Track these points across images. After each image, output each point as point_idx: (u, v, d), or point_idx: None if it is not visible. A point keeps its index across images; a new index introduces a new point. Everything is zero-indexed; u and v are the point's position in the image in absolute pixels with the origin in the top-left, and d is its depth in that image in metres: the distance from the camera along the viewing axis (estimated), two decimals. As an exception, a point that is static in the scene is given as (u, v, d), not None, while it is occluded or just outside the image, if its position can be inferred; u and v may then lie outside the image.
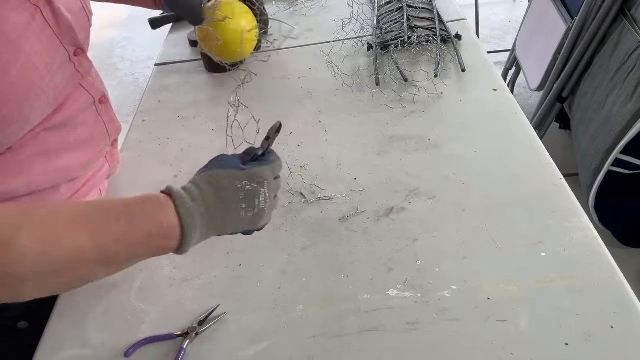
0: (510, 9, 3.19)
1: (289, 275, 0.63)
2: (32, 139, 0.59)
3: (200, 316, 0.60)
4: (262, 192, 0.50)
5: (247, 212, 0.49)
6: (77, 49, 0.60)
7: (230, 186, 0.48)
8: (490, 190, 0.70)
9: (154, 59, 1.17)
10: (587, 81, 1.60)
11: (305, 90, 0.96)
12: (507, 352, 0.52)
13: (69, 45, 0.58)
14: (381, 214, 0.69)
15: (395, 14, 1.14)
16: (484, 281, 0.59)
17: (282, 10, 1.27)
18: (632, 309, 0.54)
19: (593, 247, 0.61)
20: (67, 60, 0.59)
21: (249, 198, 0.49)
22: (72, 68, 0.61)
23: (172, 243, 0.46)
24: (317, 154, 0.81)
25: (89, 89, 0.66)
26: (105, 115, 0.71)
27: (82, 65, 0.63)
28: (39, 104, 0.54)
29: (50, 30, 0.54)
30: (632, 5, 1.42)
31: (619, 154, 1.34)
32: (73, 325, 0.62)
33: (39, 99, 0.53)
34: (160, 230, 0.44)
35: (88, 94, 0.66)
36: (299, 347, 0.56)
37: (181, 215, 0.45)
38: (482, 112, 0.84)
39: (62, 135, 0.63)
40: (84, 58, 0.64)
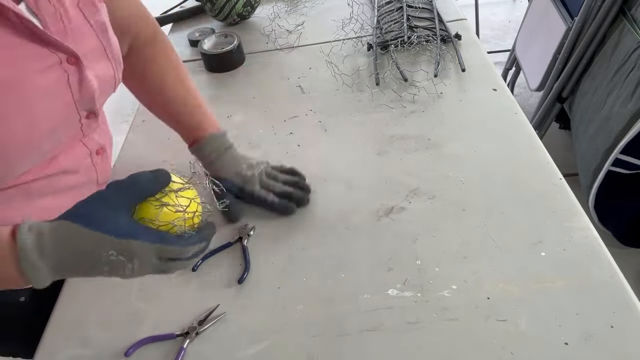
0: (510, 9, 3.19)
1: (289, 275, 0.63)
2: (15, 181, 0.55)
3: (200, 316, 0.60)
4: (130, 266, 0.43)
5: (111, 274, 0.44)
6: (89, 113, 0.58)
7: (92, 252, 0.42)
8: (490, 190, 0.70)
9: (154, 59, 1.17)
10: (587, 81, 1.60)
11: (305, 90, 0.96)
12: (507, 352, 0.52)
13: (83, 110, 0.56)
14: (381, 214, 0.69)
15: (395, 14, 1.14)
16: (484, 281, 0.59)
17: (282, 10, 1.27)
18: (632, 309, 0.54)
19: (593, 247, 0.61)
20: (76, 122, 0.57)
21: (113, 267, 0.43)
22: (77, 129, 0.58)
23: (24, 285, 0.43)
24: (317, 154, 0.81)
25: (87, 143, 0.63)
26: (99, 166, 0.67)
27: (89, 126, 0.61)
28: (29, 159, 0.52)
29: (69, 95, 0.52)
30: (632, 5, 1.42)
31: (618, 154, 1.34)
32: (73, 325, 0.62)
33: (28, 154, 0.51)
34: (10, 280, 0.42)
35: (85, 147, 0.63)
36: (299, 347, 0.56)
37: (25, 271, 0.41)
38: (482, 112, 0.84)
39: (49, 183, 0.60)
40: (94, 121, 0.61)
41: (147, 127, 0.93)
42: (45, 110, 0.50)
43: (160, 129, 0.93)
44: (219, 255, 0.67)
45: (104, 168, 0.70)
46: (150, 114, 0.78)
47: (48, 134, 0.52)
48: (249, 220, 0.71)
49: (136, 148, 0.89)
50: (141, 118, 0.96)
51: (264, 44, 1.13)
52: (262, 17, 1.25)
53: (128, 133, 0.93)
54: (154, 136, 0.91)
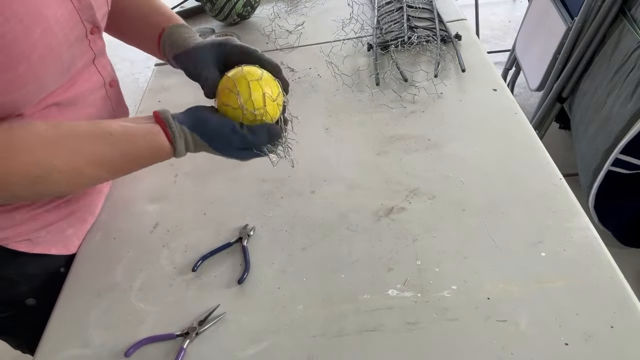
0: (510, 9, 3.19)
1: (289, 275, 0.63)
2: (42, 113, 0.59)
3: (200, 316, 0.60)
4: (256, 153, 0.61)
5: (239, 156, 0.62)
6: (94, 27, 0.61)
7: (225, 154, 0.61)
8: (490, 190, 0.70)
9: (154, 59, 1.17)
10: (587, 81, 1.60)
11: (305, 90, 0.96)
12: (507, 352, 0.52)
13: (87, 21, 0.59)
14: (381, 214, 0.69)
15: (395, 14, 1.14)
16: (484, 281, 0.59)
17: (282, 10, 1.27)
18: (632, 309, 0.54)
19: (593, 247, 0.61)
20: (83, 36, 0.60)
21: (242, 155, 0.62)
22: (86, 44, 0.61)
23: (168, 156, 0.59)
24: (317, 153, 0.81)
25: (101, 70, 0.67)
26: (114, 99, 0.72)
27: (96, 44, 0.64)
28: (54, 70, 0.55)
29: (70, 3, 0.55)
30: (632, 5, 1.42)
31: (618, 154, 1.34)
32: (73, 325, 0.62)
33: (54, 64, 0.54)
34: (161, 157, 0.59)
35: (99, 75, 0.67)
36: (299, 347, 0.56)
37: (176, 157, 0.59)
38: (482, 112, 0.84)
39: (71, 113, 0.63)
40: (99, 38, 0.64)
41: (147, 127, 0.93)
42: (55, 15, 0.52)
43: (160, 129, 0.93)
44: (219, 256, 0.67)
45: (118, 102, 0.74)
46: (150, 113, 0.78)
47: (64, 42, 0.55)
48: (249, 220, 0.71)
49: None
50: (141, 118, 0.96)
51: (264, 44, 1.13)
52: (262, 17, 1.25)
53: (128, 133, 0.93)
54: (154, 136, 0.91)
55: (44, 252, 0.68)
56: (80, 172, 0.54)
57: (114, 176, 0.60)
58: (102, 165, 0.55)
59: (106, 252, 0.71)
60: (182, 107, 0.59)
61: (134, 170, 0.59)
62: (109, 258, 0.69)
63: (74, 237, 0.72)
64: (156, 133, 0.57)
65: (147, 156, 0.58)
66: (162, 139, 0.57)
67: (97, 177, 0.57)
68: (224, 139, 0.59)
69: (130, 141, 0.56)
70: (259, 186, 0.77)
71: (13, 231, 0.65)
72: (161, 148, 0.57)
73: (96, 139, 0.55)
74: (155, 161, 0.59)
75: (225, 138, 0.59)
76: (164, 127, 0.57)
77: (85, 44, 0.61)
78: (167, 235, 0.71)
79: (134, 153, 0.56)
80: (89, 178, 0.56)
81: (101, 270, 0.68)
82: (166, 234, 0.72)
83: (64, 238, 0.70)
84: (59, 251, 0.70)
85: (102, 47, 0.66)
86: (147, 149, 0.57)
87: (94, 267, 0.69)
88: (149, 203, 0.77)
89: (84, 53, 0.62)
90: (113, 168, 0.57)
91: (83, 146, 0.54)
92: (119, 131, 0.56)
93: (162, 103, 1.00)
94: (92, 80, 0.66)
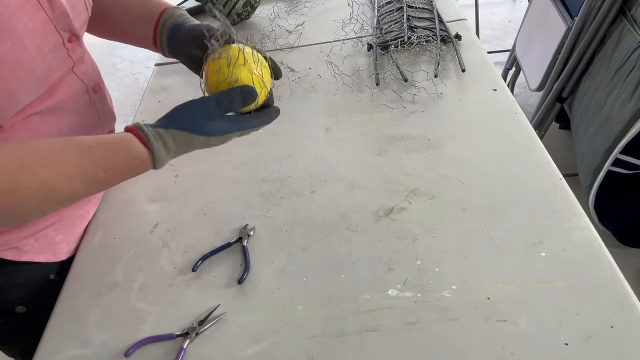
0: (510, 9, 3.19)
1: (289, 275, 0.63)
2: (23, 123, 0.58)
3: (200, 316, 0.60)
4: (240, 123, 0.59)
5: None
6: (71, 35, 0.60)
7: (200, 146, 0.58)
8: (490, 190, 0.70)
9: (154, 59, 1.17)
10: (587, 81, 1.60)
11: (305, 90, 0.96)
12: (507, 352, 0.52)
13: (63, 30, 0.58)
14: (381, 214, 0.69)
15: (395, 14, 1.14)
16: (484, 281, 0.59)
17: (282, 10, 1.27)
18: (632, 309, 0.54)
19: (593, 247, 0.61)
20: (60, 45, 0.58)
21: (210, 146, 0.59)
22: (64, 53, 0.60)
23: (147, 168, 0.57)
24: (317, 153, 0.81)
25: (81, 76, 0.65)
26: (99, 105, 0.70)
27: (75, 52, 0.62)
28: (27, 83, 0.54)
29: (43, 13, 0.54)
30: (632, 5, 1.43)
31: (618, 154, 1.34)
32: (73, 325, 0.62)
33: (27, 77, 0.53)
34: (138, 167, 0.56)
35: (81, 81, 0.66)
36: (299, 347, 0.56)
37: (157, 167, 0.57)
38: (482, 112, 0.84)
39: (53, 121, 0.62)
40: (78, 45, 0.63)
41: (147, 127, 0.93)
42: (26, 28, 0.51)
43: (160, 129, 0.93)
44: (219, 256, 0.67)
45: (104, 107, 0.72)
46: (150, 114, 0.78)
47: (37, 54, 0.53)
48: (249, 220, 0.71)
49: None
50: (141, 118, 0.96)
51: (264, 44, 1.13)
52: (262, 17, 1.25)
53: (128, 133, 0.93)
54: (154, 136, 0.91)
55: (32, 260, 0.67)
56: (52, 186, 0.50)
57: (90, 190, 0.55)
58: (74, 178, 0.51)
59: (106, 252, 0.71)
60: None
61: (112, 184, 0.56)
62: (109, 258, 0.69)
63: (64, 243, 0.71)
64: (129, 140, 0.54)
65: (123, 166, 0.54)
66: (136, 145, 0.54)
67: (71, 191, 0.52)
68: (197, 112, 0.56)
69: (103, 151, 0.53)
70: (259, 186, 0.77)
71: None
72: (137, 155, 0.54)
73: (66, 150, 0.52)
74: (134, 171, 0.56)
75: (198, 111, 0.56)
76: (136, 132, 0.55)
77: (62, 53, 0.60)
78: (167, 235, 0.71)
79: (108, 163, 0.53)
80: (63, 193, 0.52)
81: (101, 270, 0.68)
82: (166, 234, 0.72)
83: (52, 245, 0.70)
84: (48, 259, 0.69)
85: (81, 54, 0.65)
86: (122, 157, 0.54)
87: (94, 267, 0.69)
88: (149, 203, 0.77)
89: (61, 62, 0.60)
90: (87, 181, 0.53)
91: (52, 158, 0.50)
92: (90, 141, 0.53)
93: (162, 103, 1.00)
94: (73, 88, 0.64)
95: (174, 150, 0.56)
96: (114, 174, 0.55)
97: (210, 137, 0.57)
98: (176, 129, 0.55)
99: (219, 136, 0.57)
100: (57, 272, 0.71)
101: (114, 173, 0.54)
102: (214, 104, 0.56)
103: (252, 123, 0.60)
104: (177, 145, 0.56)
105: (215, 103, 0.56)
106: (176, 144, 0.56)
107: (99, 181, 0.54)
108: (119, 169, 0.54)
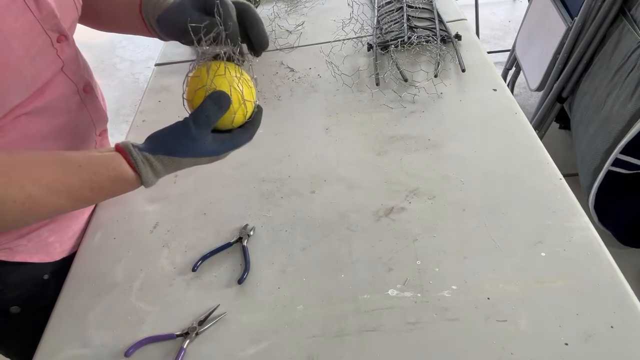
0: (510, 9, 3.20)
1: (289, 275, 0.63)
2: (12, 123, 0.58)
3: (200, 316, 0.60)
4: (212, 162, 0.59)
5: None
6: (60, 35, 0.59)
7: (190, 166, 0.57)
8: (490, 190, 0.70)
9: (154, 59, 1.17)
10: (587, 81, 1.60)
11: (305, 90, 0.97)
12: (507, 352, 0.52)
13: (51, 31, 0.57)
14: (381, 214, 0.69)
15: (395, 14, 1.14)
16: (484, 281, 0.59)
17: (282, 10, 1.27)
18: (632, 309, 0.54)
19: (593, 247, 0.61)
20: (49, 46, 0.58)
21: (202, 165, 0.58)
22: (53, 54, 0.60)
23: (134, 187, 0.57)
24: (317, 153, 0.81)
25: (71, 76, 0.65)
26: (90, 105, 0.69)
27: (64, 52, 0.62)
28: (15, 85, 0.54)
29: (30, 14, 0.53)
30: (632, 5, 1.43)
31: (618, 154, 1.34)
32: (73, 325, 0.62)
33: (15, 79, 0.53)
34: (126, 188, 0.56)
35: (71, 81, 0.65)
36: (299, 347, 0.56)
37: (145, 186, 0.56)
38: (482, 112, 0.84)
39: (43, 121, 0.62)
40: (68, 46, 0.62)
41: (147, 127, 0.93)
42: (13, 29, 0.51)
43: (160, 129, 0.93)
44: (219, 256, 0.67)
45: (95, 107, 0.71)
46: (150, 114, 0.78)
47: (24, 55, 0.53)
48: (249, 220, 0.71)
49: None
50: (141, 118, 0.96)
51: (264, 44, 1.13)
52: (262, 17, 1.24)
53: (128, 133, 0.93)
54: (154, 136, 0.91)
55: (25, 261, 0.67)
56: (37, 201, 0.50)
57: (75, 206, 0.54)
58: (60, 193, 0.51)
59: (106, 252, 0.71)
60: (182, 107, 0.59)
61: (98, 200, 0.56)
62: (109, 258, 0.69)
63: (57, 243, 0.71)
64: (118, 162, 0.54)
65: (110, 186, 0.54)
66: (124, 168, 0.54)
67: (56, 206, 0.52)
68: (180, 136, 0.55)
69: (92, 171, 0.53)
70: (259, 186, 0.77)
71: None
72: (124, 177, 0.54)
73: (54, 166, 0.51)
74: (121, 190, 0.55)
75: (180, 134, 0.55)
76: (125, 155, 0.54)
77: (51, 54, 0.59)
78: (167, 235, 0.71)
79: (95, 181, 0.53)
80: (47, 208, 0.51)
81: (101, 270, 0.68)
82: (166, 234, 0.72)
83: (46, 245, 0.70)
84: (41, 259, 0.69)
85: (71, 55, 0.64)
86: (109, 177, 0.53)
87: (94, 267, 0.69)
88: (149, 203, 0.77)
89: (50, 63, 0.60)
90: (72, 197, 0.52)
91: (39, 173, 0.50)
92: (79, 160, 0.53)
93: (162, 103, 1.00)
94: (62, 88, 0.64)
95: (163, 172, 0.56)
96: (100, 193, 0.54)
97: (198, 157, 0.56)
98: (163, 155, 0.55)
99: (210, 157, 0.57)
100: (51, 273, 0.70)
101: (100, 192, 0.54)
102: (193, 125, 0.54)
103: (243, 139, 0.58)
104: (166, 168, 0.56)
105: (193, 123, 0.54)
106: (164, 166, 0.55)
107: (85, 199, 0.54)
108: (106, 189, 0.54)
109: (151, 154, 0.55)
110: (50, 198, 0.50)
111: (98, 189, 0.53)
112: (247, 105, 0.57)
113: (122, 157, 0.54)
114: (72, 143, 0.68)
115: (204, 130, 0.55)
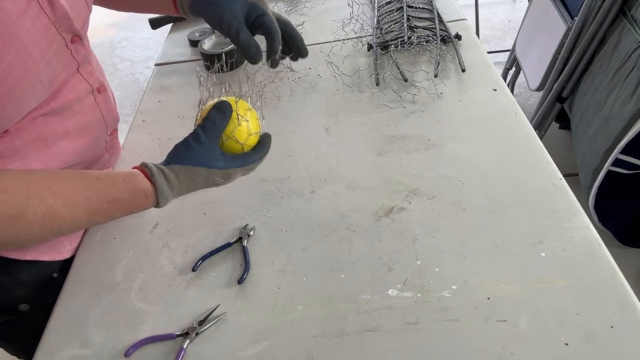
0: (510, 9, 3.20)
1: (289, 275, 0.63)
2: (28, 124, 0.59)
3: (200, 316, 0.60)
4: (226, 182, 0.62)
5: (212, 186, 0.62)
6: (74, 36, 0.60)
7: (204, 181, 0.60)
8: (490, 190, 0.70)
9: (154, 59, 1.17)
10: (587, 81, 1.60)
11: (305, 90, 0.97)
12: (507, 352, 0.52)
13: (65, 32, 0.58)
14: (381, 214, 0.69)
15: (395, 14, 1.14)
16: (484, 281, 0.59)
17: (282, 10, 1.27)
18: (632, 309, 0.54)
19: (593, 247, 0.61)
20: (63, 47, 0.58)
21: (215, 184, 0.61)
22: (68, 55, 0.60)
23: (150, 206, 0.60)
24: (317, 153, 0.81)
25: (87, 77, 0.66)
26: (102, 105, 0.71)
27: (78, 52, 0.62)
28: (33, 89, 0.54)
29: (45, 17, 0.54)
30: (632, 5, 1.43)
31: (618, 154, 1.34)
32: (73, 325, 0.62)
33: (33, 84, 0.53)
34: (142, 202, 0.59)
35: (86, 82, 0.66)
36: (299, 347, 0.56)
37: (160, 203, 0.59)
38: (482, 112, 0.84)
39: (58, 122, 0.63)
40: (81, 46, 0.63)
41: (147, 127, 0.93)
42: (29, 34, 0.51)
43: (160, 129, 0.93)
44: (219, 256, 0.67)
45: (107, 107, 0.73)
46: (150, 114, 0.78)
47: (41, 59, 0.54)
48: (249, 220, 0.71)
49: (136, 148, 0.89)
50: (141, 118, 0.96)
51: (264, 44, 1.13)
52: (262, 17, 1.25)
53: (128, 133, 0.93)
54: (154, 136, 0.91)
55: (35, 259, 0.68)
56: (57, 214, 0.52)
57: (93, 220, 0.56)
58: (79, 206, 0.53)
59: (106, 252, 0.71)
60: (182, 107, 0.59)
61: (116, 216, 0.58)
62: (109, 258, 0.69)
63: (67, 242, 0.71)
64: (135, 174, 0.57)
65: (127, 198, 0.56)
66: (142, 179, 0.57)
67: (74, 219, 0.54)
68: (191, 145, 0.58)
69: (109, 180, 0.55)
70: (259, 186, 0.77)
71: None
72: (140, 188, 0.57)
73: (73, 179, 0.54)
74: (137, 206, 0.58)
75: (191, 143, 0.58)
76: (141, 169, 0.58)
77: (66, 55, 0.60)
78: (167, 235, 0.71)
79: (112, 192, 0.55)
80: (66, 221, 0.53)
81: (101, 270, 0.68)
82: (166, 234, 0.72)
83: (56, 244, 0.70)
84: (51, 257, 0.69)
85: (85, 55, 0.65)
86: (126, 188, 0.56)
87: (94, 267, 0.69)
88: (149, 203, 0.77)
89: (66, 64, 0.61)
90: (90, 210, 0.54)
91: (59, 186, 0.52)
92: (98, 174, 0.55)
93: (162, 103, 1.00)
94: (78, 89, 0.65)
95: (177, 186, 0.58)
96: (117, 206, 0.56)
97: (212, 169, 0.59)
98: (177, 164, 0.58)
99: (221, 170, 0.59)
100: (60, 271, 0.71)
101: (117, 205, 0.56)
102: (201, 132, 0.58)
103: (252, 158, 0.62)
104: (180, 181, 0.58)
105: (202, 130, 0.59)
106: (178, 178, 0.58)
107: (103, 212, 0.56)
108: (122, 201, 0.56)
109: (165, 165, 0.58)
110: (70, 210, 0.52)
111: (115, 202, 0.56)
112: (254, 136, 0.63)
113: (139, 171, 0.58)
114: (85, 143, 0.69)
115: (211, 134, 0.58)
